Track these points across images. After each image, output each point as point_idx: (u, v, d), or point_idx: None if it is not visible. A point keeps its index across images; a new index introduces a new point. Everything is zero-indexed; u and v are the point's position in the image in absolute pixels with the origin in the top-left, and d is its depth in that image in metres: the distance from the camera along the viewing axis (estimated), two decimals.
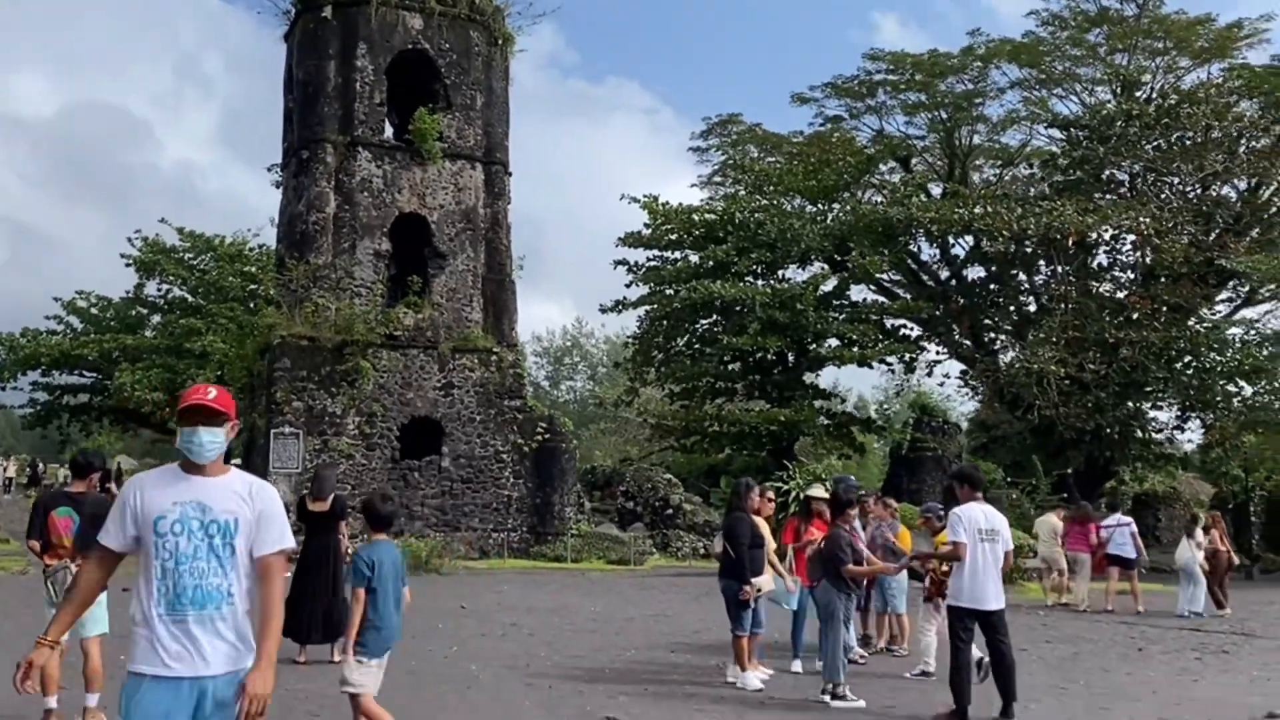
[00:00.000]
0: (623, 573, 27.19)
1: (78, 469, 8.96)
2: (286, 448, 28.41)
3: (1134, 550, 19.77)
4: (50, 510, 8.63)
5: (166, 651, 4.16)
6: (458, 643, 13.00)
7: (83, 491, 8.81)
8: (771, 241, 37.65)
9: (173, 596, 4.19)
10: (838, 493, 11.14)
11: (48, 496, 8.96)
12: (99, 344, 58.29)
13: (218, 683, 4.18)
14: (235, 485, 4.38)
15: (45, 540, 8.62)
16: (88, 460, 9.02)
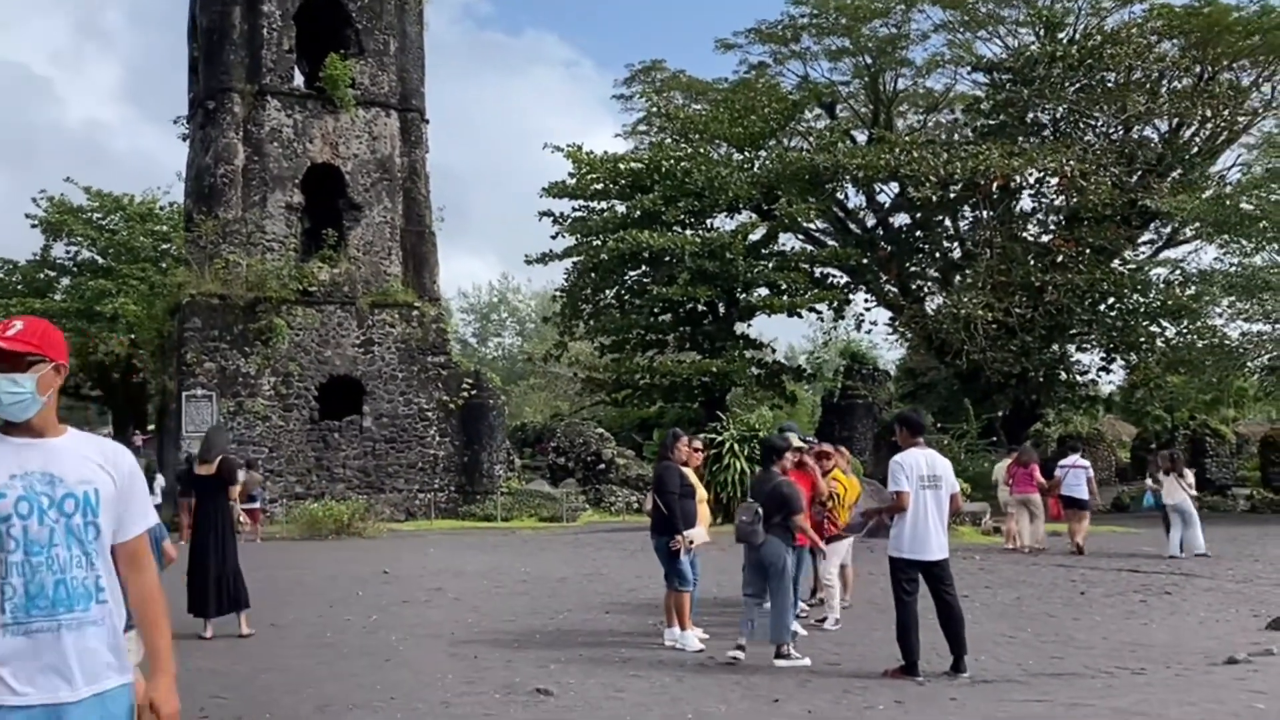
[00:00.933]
0: (555, 530, 26.61)
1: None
2: (199, 410, 27.29)
3: (1086, 492, 19.61)
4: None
5: (16, 674, 3.11)
6: (378, 611, 12.28)
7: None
8: (699, 190, 37.03)
9: (25, 600, 3.16)
10: (772, 441, 10.56)
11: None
12: (5, 309, 56.12)
13: (83, 709, 3.16)
14: (85, 449, 3.38)
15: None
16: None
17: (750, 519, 9.57)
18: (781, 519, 9.62)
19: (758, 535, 9.53)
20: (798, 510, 9.70)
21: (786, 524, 9.64)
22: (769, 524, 9.60)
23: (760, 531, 9.52)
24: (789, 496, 9.71)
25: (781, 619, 9.48)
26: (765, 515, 9.56)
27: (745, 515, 9.64)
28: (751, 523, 9.54)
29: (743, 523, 9.65)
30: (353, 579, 15.34)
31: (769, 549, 9.63)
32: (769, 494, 9.71)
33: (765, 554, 9.62)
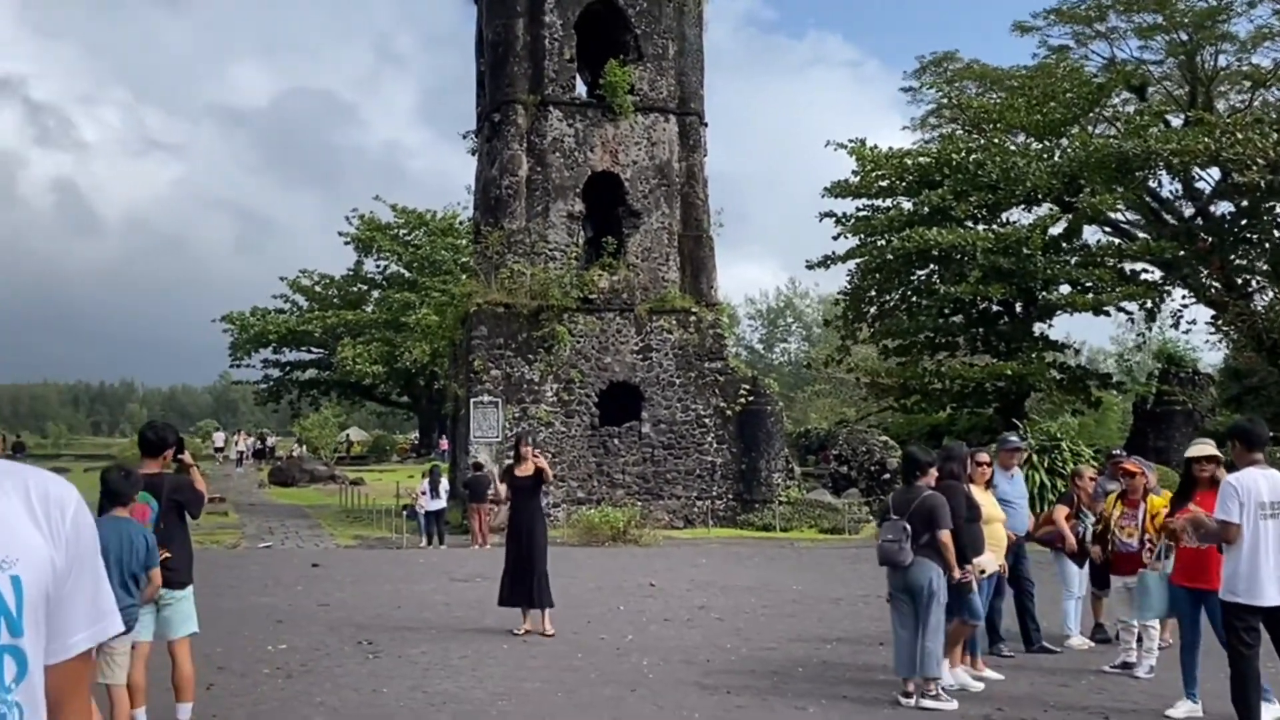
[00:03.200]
0: (835, 542, 25.47)
1: (149, 446, 7.56)
2: (486, 417, 27.96)
3: None
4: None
5: None
6: (636, 629, 11.71)
7: (157, 473, 7.58)
8: (993, 183, 34.90)
9: None
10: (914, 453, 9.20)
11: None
12: (322, 320, 60.65)
13: None
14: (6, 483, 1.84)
15: None
16: (159, 435, 7.62)
17: (896, 538, 8.46)
18: (931, 537, 8.45)
19: (905, 555, 8.41)
20: (941, 525, 8.45)
21: (936, 543, 8.44)
22: (917, 543, 8.45)
23: (908, 551, 8.42)
24: (935, 509, 8.49)
25: (930, 650, 8.30)
26: (913, 534, 8.43)
27: (890, 534, 8.53)
28: (897, 541, 8.44)
29: (887, 542, 8.54)
30: (618, 590, 14.92)
31: (917, 571, 8.44)
32: (915, 509, 8.53)
33: (912, 577, 8.45)
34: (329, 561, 18.83)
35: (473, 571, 17.19)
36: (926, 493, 8.60)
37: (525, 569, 11.33)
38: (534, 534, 11.59)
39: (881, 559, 8.66)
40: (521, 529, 11.57)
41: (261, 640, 10.67)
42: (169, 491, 7.47)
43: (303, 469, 45.87)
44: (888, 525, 8.60)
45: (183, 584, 7.51)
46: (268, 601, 13.48)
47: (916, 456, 9.01)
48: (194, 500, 7.74)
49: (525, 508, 11.65)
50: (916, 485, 8.73)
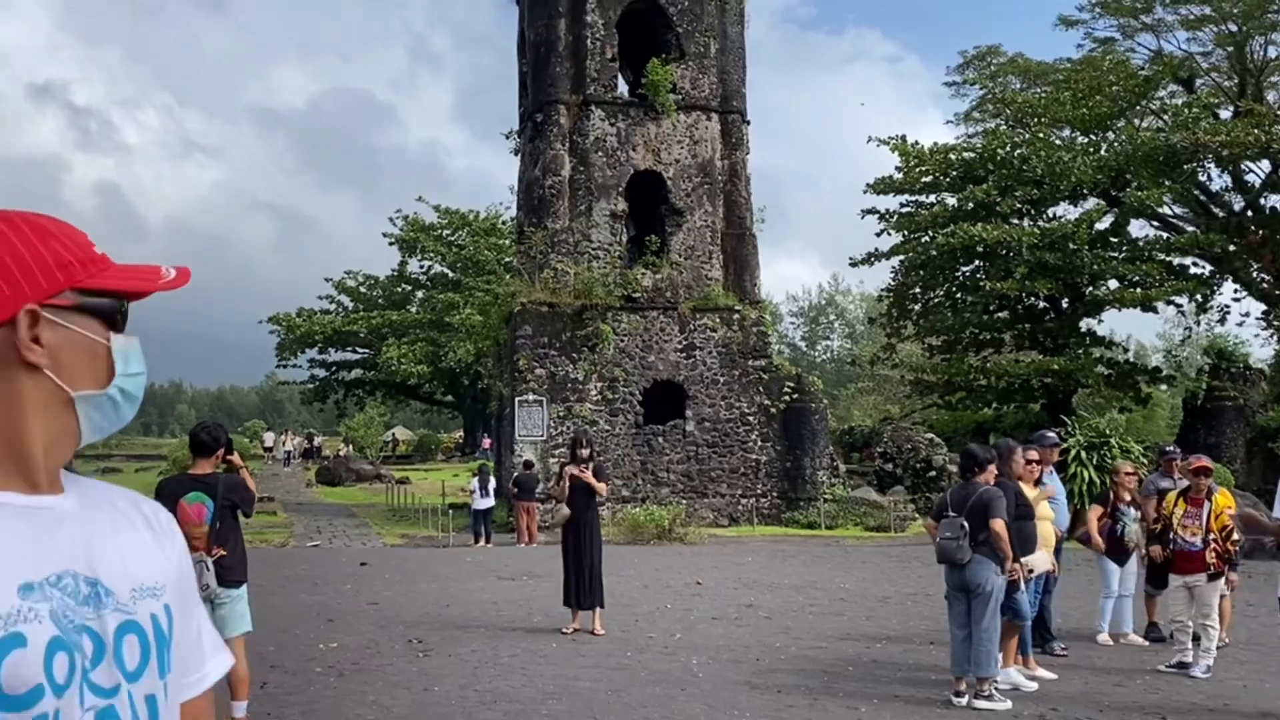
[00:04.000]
0: (881, 540, 25.34)
1: (201, 446, 7.61)
2: (531, 415, 28.08)
3: None
4: (179, 498, 7.45)
5: None
6: (684, 628, 11.72)
7: (210, 473, 7.64)
8: (1038, 178, 34.56)
9: None
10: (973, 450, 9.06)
11: (171, 481, 7.81)
12: (367, 320, 61.12)
13: None
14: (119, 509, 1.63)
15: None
16: (212, 435, 7.65)
17: (954, 535, 8.37)
18: (988, 534, 8.35)
19: (963, 553, 8.34)
20: (995, 514, 8.34)
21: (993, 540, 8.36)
22: (975, 540, 8.36)
23: (966, 549, 8.34)
24: (990, 503, 8.39)
25: (984, 649, 8.24)
26: (970, 531, 8.34)
27: (948, 532, 8.44)
28: (956, 538, 8.36)
29: (945, 540, 8.44)
30: (665, 589, 14.93)
31: (975, 570, 8.38)
32: (972, 506, 8.43)
33: (970, 575, 8.39)
34: (377, 560, 19.00)
35: (520, 570, 17.27)
36: (983, 488, 8.51)
37: (583, 567, 11.40)
38: (592, 533, 11.67)
39: (940, 556, 8.59)
40: (580, 528, 11.63)
41: (313, 639, 10.78)
42: (224, 491, 7.57)
43: (349, 468, 46.27)
44: (945, 522, 8.51)
45: (238, 583, 7.61)
46: (318, 600, 13.62)
47: (975, 453, 8.89)
48: (247, 500, 7.85)
49: (584, 506, 11.71)
50: (974, 482, 8.63)
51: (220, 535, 7.46)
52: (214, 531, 7.43)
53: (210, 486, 7.52)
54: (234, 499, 7.63)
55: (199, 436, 7.69)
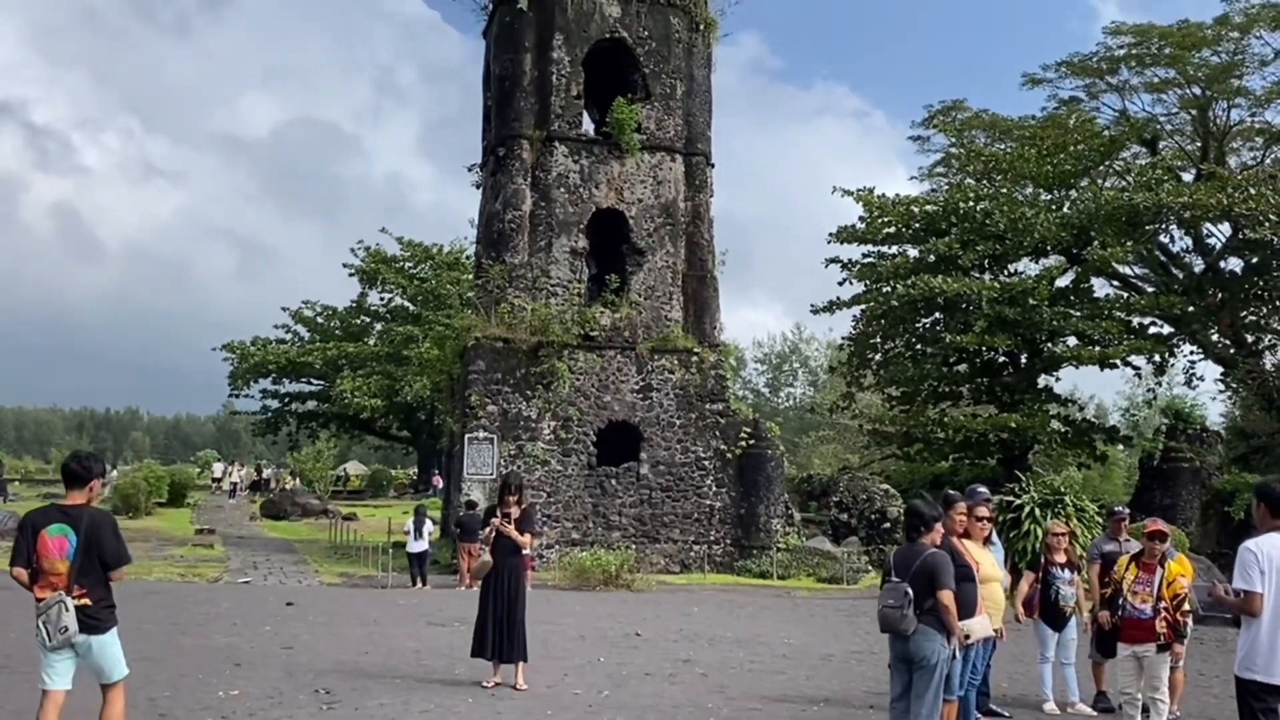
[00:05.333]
0: (833, 592, 24.84)
1: (73, 477, 7.12)
2: (481, 453, 27.45)
3: None
4: (40, 529, 6.94)
5: None
6: (614, 685, 11.12)
7: (81, 505, 7.10)
8: (1000, 233, 34.58)
9: None
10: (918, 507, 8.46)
11: (37, 512, 7.23)
12: (323, 352, 60.18)
13: None
14: None
15: (34, 567, 6.93)
16: (84, 466, 7.17)
17: (897, 603, 7.74)
18: (935, 601, 7.77)
19: (907, 622, 7.71)
20: (942, 585, 7.74)
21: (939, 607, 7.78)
22: (921, 609, 7.75)
23: (910, 618, 7.70)
24: (937, 569, 7.79)
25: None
26: (915, 598, 7.72)
27: (891, 599, 7.79)
28: (899, 607, 7.73)
29: (888, 608, 7.80)
30: (601, 640, 14.33)
31: (919, 641, 7.74)
32: (918, 570, 7.81)
33: (914, 647, 7.76)
34: (306, 600, 18.27)
35: (453, 615, 16.61)
36: (929, 552, 7.91)
37: (501, 618, 10.74)
38: (514, 582, 10.98)
39: (882, 625, 7.94)
40: (502, 576, 10.95)
41: (214, 685, 10.11)
42: (88, 527, 6.95)
43: (295, 502, 45.29)
44: (888, 588, 7.87)
45: (105, 627, 6.98)
46: (230, 642, 12.92)
47: (920, 511, 8.20)
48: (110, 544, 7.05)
49: (507, 552, 11.03)
50: (920, 543, 8.02)
51: (82, 573, 6.83)
52: (74, 569, 6.80)
53: (75, 520, 6.90)
54: (97, 536, 6.95)
55: (70, 466, 7.13)
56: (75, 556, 6.86)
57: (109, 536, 7.02)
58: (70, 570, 6.84)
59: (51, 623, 6.75)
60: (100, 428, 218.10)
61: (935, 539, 8.09)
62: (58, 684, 6.95)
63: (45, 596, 6.85)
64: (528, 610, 11.07)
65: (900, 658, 7.91)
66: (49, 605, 6.79)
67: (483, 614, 10.88)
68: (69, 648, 6.84)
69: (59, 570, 6.87)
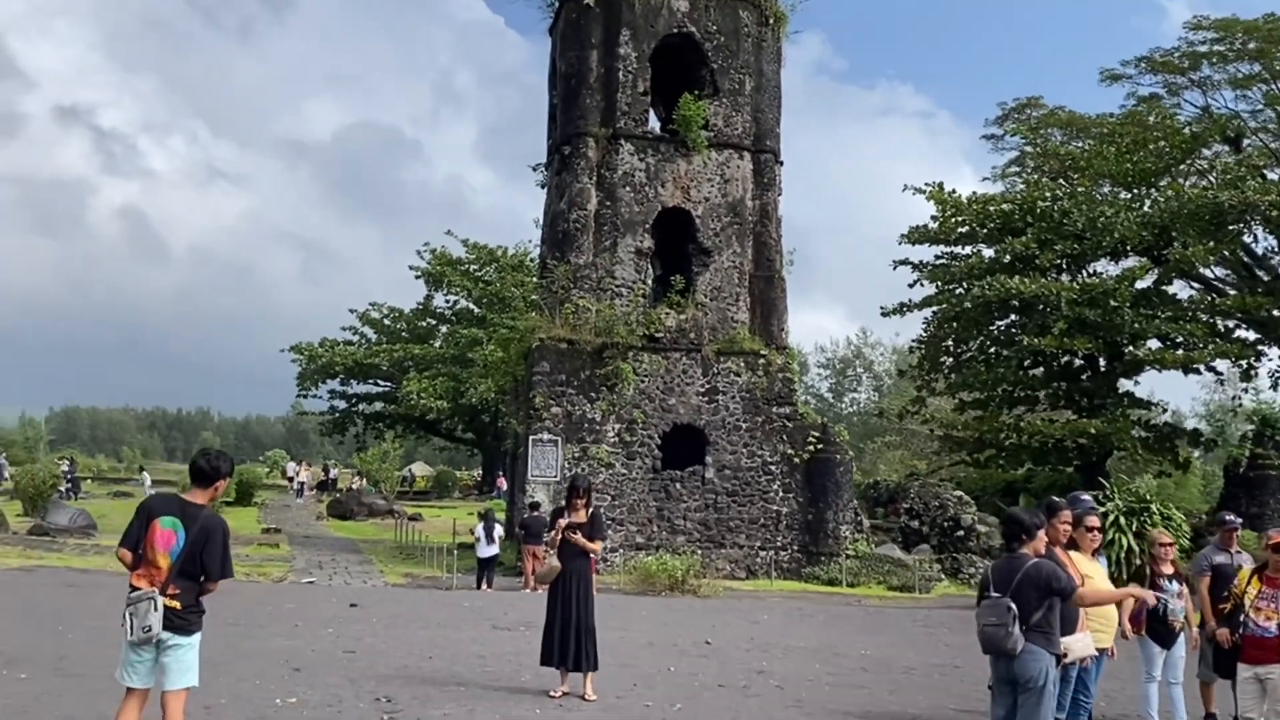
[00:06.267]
0: (905, 601, 24.11)
1: (200, 474, 6.85)
2: (545, 455, 27.08)
3: None
4: (155, 517, 6.70)
5: None
6: (686, 697, 10.59)
7: (200, 504, 6.86)
8: (1079, 232, 33.53)
9: None
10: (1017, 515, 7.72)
11: (158, 499, 6.98)
12: (390, 353, 60.49)
13: None
14: None
15: (139, 553, 6.69)
16: (213, 465, 6.90)
17: (1000, 620, 7.02)
18: (1044, 616, 7.06)
19: (1013, 641, 6.97)
20: (1065, 588, 7.05)
21: (1048, 624, 7.07)
22: (1026, 624, 7.04)
23: (1016, 636, 6.97)
24: (1050, 576, 7.09)
25: None
26: (1020, 614, 7.02)
27: (994, 616, 7.06)
28: (1002, 625, 7.00)
29: (989, 626, 7.08)
30: (670, 648, 13.81)
31: (1026, 662, 7.01)
32: (1020, 583, 7.10)
33: (1021, 668, 7.03)
34: (370, 601, 17.96)
35: (518, 619, 16.19)
36: (1032, 561, 7.24)
37: (569, 624, 10.25)
38: (582, 587, 10.46)
39: (984, 645, 7.24)
40: (569, 581, 10.45)
41: (272, 691, 9.75)
42: (197, 532, 6.70)
43: (361, 502, 45.36)
44: (989, 604, 7.17)
45: (190, 630, 6.70)
46: (291, 645, 12.58)
47: (1021, 519, 7.49)
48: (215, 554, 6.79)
49: (573, 556, 10.52)
50: (1020, 553, 7.31)
51: (180, 574, 6.59)
52: (174, 568, 6.55)
53: (190, 518, 6.66)
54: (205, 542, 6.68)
55: (198, 463, 6.89)
56: (178, 556, 6.61)
57: (216, 545, 6.75)
58: (170, 568, 6.59)
59: (138, 617, 6.50)
60: (172, 428, 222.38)
61: (1038, 549, 7.43)
62: (137, 682, 6.67)
63: (141, 587, 6.62)
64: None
65: (1004, 679, 7.25)
66: (139, 599, 6.55)
67: (550, 620, 10.41)
68: (152, 646, 6.58)
69: (160, 565, 6.63)
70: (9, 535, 27.20)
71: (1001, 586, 7.20)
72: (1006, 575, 7.24)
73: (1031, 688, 7.05)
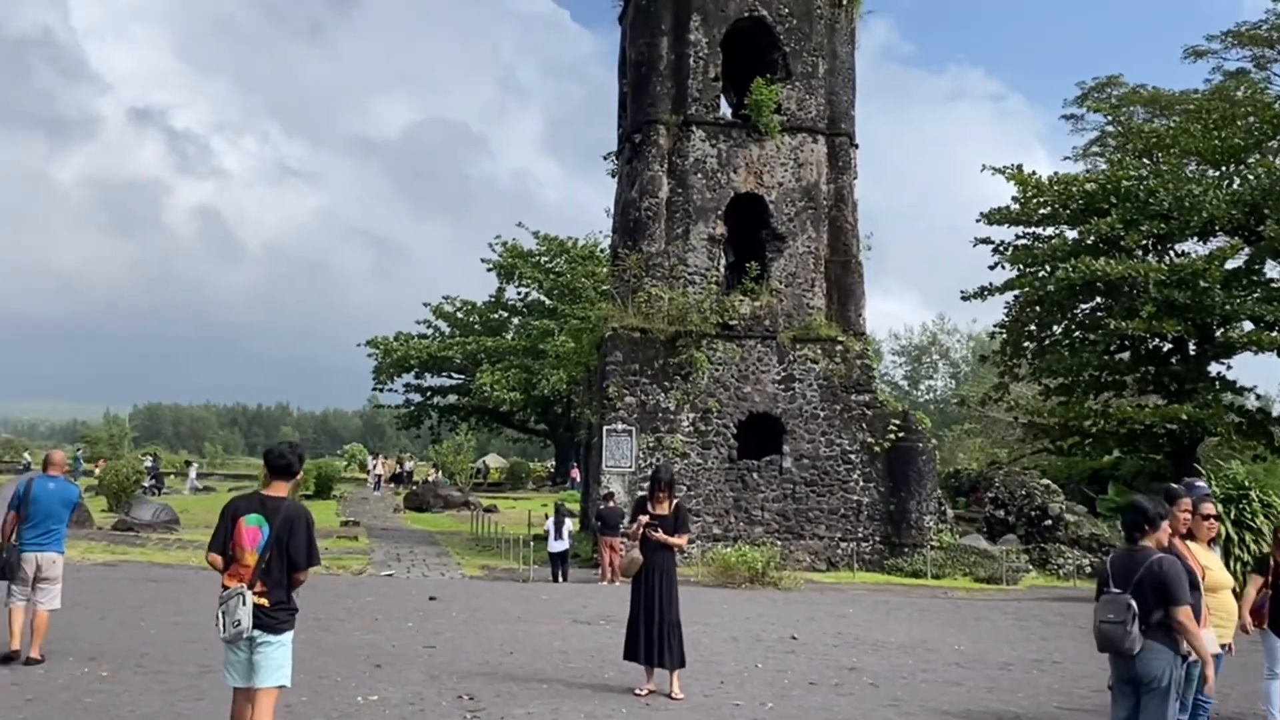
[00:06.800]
0: (993, 593, 23.45)
1: (279, 468, 6.77)
2: (619, 445, 26.82)
3: None
4: (239, 516, 6.64)
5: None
6: (776, 695, 10.21)
7: (281, 497, 6.78)
8: (1166, 211, 32.45)
9: None
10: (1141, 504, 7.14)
11: (240, 500, 6.87)
12: (463, 346, 60.78)
13: None
14: None
15: (229, 555, 6.62)
16: (295, 456, 6.86)
17: (1119, 617, 6.57)
18: (1165, 614, 6.58)
19: (1132, 641, 6.53)
20: (1177, 599, 6.54)
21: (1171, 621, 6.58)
22: (1147, 623, 6.57)
23: (1136, 635, 6.52)
24: (1169, 581, 6.58)
25: None
26: (1141, 611, 6.56)
27: (1112, 613, 6.61)
28: (1121, 623, 6.55)
29: (1107, 623, 6.62)
30: (756, 643, 13.43)
31: (1148, 659, 6.55)
32: (1142, 579, 6.62)
33: (1142, 667, 6.56)
34: (448, 594, 17.82)
35: (598, 612, 15.93)
36: (1156, 557, 6.73)
37: (653, 619, 9.91)
38: (666, 580, 10.11)
39: (1101, 643, 6.79)
40: (653, 573, 10.10)
41: (353, 688, 9.55)
42: (280, 524, 6.62)
43: (437, 494, 45.58)
44: (1107, 600, 6.71)
45: (282, 628, 6.59)
46: (371, 640, 12.42)
47: (1145, 508, 6.96)
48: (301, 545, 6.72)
49: (657, 548, 10.18)
50: (1142, 546, 6.83)
51: (267, 570, 6.50)
52: (261, 564, 6.47)
53: (272, 512, 6.58)
54: (290, 532, 6.60)
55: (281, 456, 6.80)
56: (264, 550, 6.54)
57: (301, 534, 6.68)
58: (257, 564, 6.52)
59: (228, 614, 6.44)
60: (252, 423, 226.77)
61: (1161, 540, 6.94)
62: (238, 680, 6.60)
63: (231, 586, 6.55)
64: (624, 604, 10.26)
65: (1125, 679, 6.78)
66: (229, 596, 6.48)
67: (634, 615, 10.09)
68: (245, 644, 6.49)
69: (248, 562, 6.56)
70: (94, 531, 27.62)
71: (1121, 581, 6.73)
72: (1127, 569, 6.76)
73: (1155, 688, 6.59)
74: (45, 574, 10.40)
